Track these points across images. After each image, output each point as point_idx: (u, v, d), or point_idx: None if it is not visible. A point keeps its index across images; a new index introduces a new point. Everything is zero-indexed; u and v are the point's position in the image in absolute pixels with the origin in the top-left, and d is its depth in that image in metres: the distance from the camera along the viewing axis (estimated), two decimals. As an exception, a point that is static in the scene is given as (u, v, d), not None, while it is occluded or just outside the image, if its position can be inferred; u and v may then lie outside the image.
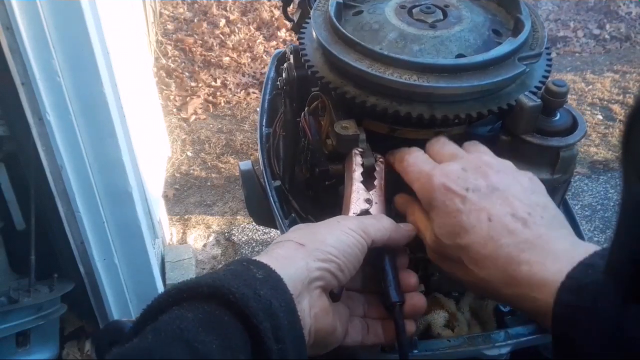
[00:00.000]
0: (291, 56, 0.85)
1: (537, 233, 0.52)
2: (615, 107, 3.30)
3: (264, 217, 0.98)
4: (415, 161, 0.61)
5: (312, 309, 0.49)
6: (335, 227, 0.54)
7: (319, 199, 0.78)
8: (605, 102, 3.36)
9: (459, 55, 0.65)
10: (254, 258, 0.47)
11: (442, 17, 0.70)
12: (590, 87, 3.49)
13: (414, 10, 0.71)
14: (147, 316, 0.42)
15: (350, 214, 0.61)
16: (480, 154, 0.60)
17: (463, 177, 0.56)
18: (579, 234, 0.78)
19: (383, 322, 0.59)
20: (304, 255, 0.49)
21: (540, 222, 0.53)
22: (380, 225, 0.57)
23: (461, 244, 0.53)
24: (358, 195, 0.62)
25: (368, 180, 0.65)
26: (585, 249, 0.49)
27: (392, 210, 0.65)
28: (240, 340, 0.40)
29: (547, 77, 0.69)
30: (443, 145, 0.62)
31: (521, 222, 0.52)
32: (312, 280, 0.49)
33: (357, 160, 0.65)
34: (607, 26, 4.08)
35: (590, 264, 0.46)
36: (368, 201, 0.62)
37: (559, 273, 0.47)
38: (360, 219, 0.57)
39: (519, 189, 0.55)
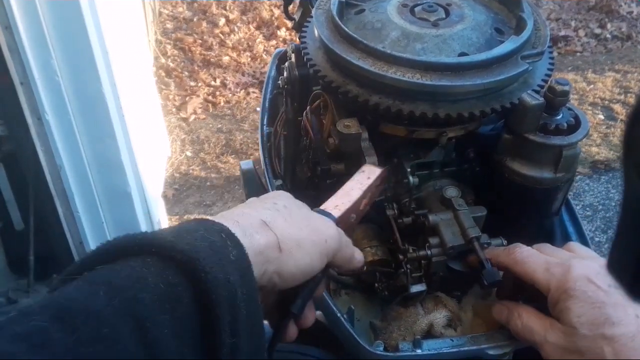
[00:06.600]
0: (293, 55, 0.84)
1: None
2: (617, 107, 3.30)
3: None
4: (534, 253, 0.61)
5: None
6: (315, 249, 0.50)
7: (320, 198, 0.77)
8: (606, 102, 3.35)
9: (462, 54, 0.64)
10: (230, 228, 0.43)
11: (444, 16, 0.70)
12: (592, 86, 3.48)
13: (416, 9, 0.70)
14: (101, 257, 0.38)
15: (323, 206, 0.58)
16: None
17: (603, 273, 0.56)
18: (581, 234, 0.77)
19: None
20: (274, 259, 0.46)
21: None
22: (349, 261, 0.55)
23: (606, 334, 0.53)
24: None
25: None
26: None
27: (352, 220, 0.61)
28: (194, 327, 0.38)
29: (549, 76, 0.68)
30: (554, 248, 0.63)
31: None
32: (262, 282, 0.47)
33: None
34: (609, 25, 4.08)
35: None
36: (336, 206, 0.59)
37: None
38: (342, 246, 0.53)
39: None
